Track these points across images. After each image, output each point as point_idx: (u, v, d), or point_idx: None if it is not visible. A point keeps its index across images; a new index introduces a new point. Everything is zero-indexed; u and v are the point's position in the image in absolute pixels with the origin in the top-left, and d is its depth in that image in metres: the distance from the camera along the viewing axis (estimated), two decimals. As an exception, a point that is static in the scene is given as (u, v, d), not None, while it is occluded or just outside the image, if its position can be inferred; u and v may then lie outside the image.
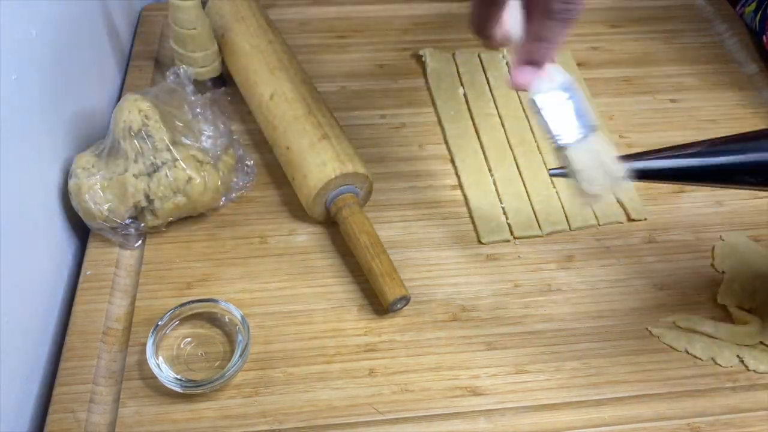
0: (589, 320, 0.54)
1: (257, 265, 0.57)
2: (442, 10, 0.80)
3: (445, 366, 0.51)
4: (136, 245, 0.57)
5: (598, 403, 0.50)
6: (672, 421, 0.49)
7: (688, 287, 0.57)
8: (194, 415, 0.49)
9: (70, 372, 0.50)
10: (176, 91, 0.59)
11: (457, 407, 0.49)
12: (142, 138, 0.55)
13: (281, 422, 0.48)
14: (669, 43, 0.78)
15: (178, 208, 0.56)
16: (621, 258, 0.58)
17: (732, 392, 0.51)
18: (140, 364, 0.50)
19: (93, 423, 0.48)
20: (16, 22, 0.50)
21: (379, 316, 0.54)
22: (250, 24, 0.66)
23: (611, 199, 0.48)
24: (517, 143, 0.66)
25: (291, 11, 0.79)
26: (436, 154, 0.66)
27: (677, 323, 0.54)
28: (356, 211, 0.56)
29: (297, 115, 0.60)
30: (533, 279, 0.57)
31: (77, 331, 0.52)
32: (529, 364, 0.52)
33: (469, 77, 0.72)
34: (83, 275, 0.55)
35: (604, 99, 0.71)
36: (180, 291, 0.55)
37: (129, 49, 0.75)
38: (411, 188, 0.63)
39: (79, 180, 0.55)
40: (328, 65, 0.73)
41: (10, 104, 0.49)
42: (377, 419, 0.49)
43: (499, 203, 0.61)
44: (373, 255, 0.54)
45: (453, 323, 0.54)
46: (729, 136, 0.47)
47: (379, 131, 0.67)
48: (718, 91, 0.73)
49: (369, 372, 0.51)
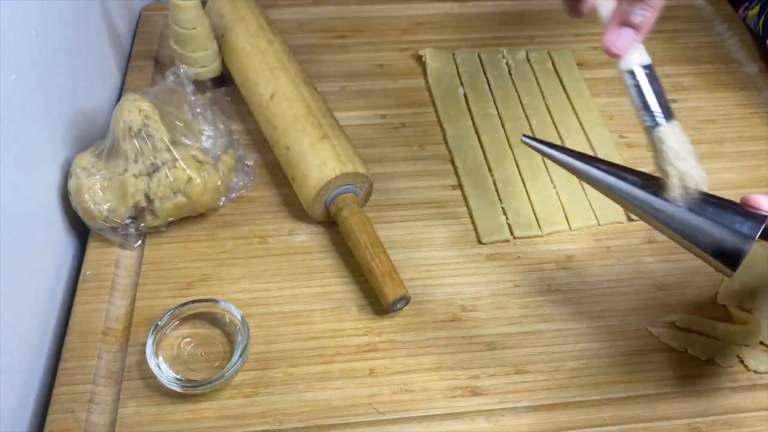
0: (589, 320, 0.54)
1: (257, 265, 0.57)
2: (442, 10, 0.80)
3: (445, 366, 0.51)
4: (136, 245, 0.57)
5: (598, 403, 0.50)
6: (672, 421, 0.49)
7: (688, 287, 0.57)
8: (194, 415, 0.49)
9: (70, 372, 0.50)
10: (176, 91, 0.59)
11: (457, 407, 0.49)
12: (142, 138, 0.55)
13: (281, 422, 0.48)
14: (669, 43, 0.78)
15: (178, 208, 0.56)
16: (621, 258, 0.58)
17: (732, 392, 0.51)
18: (140, 364, 0.50)
19: (93, 423, 0.48)
20: (16, 22, 0.50)
21: (379, 316, 0.54)
22: (250, 24, 0.66)
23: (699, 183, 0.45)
24: (517, 143, 0.66)
25: (291, 11, 0.79)
26: (436, 154, 0.66)
27: (677, 323, 0.54)
28: (356, 211, 0.56)
29: (297, 115, 0.60)
30: (533, 279, 0.57)
31: (77, 331, 0.52)
32: (529, 364, 0.52)
33: (469, 77, 0.72)
34: (83, 275, 0.55)
35: (604, 99, 0.71)
36: (180, 291, 0.55)
37: (129, 49, 0.75)
38: (411, 188, 0.63)
39: (79, 180, 0.55)
40: (328, 65, 0.73)
41: (10, 104, 0.49)
42: (377, 419, 0.49)
43: (499, 203, 0.61)
44: (373, 255, 0.54)
45: (453, 323, 0.54)
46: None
47: (379, 131, 0.67)
48: (718, 91, 0.73)
49: (369, 372, 0.51)
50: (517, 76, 0.72)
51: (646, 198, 0.44)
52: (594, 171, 0.45)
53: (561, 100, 0.70)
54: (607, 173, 0.45)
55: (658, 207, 0.44)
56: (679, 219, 0.43)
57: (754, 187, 0.64)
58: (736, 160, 0.66)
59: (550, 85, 0.71)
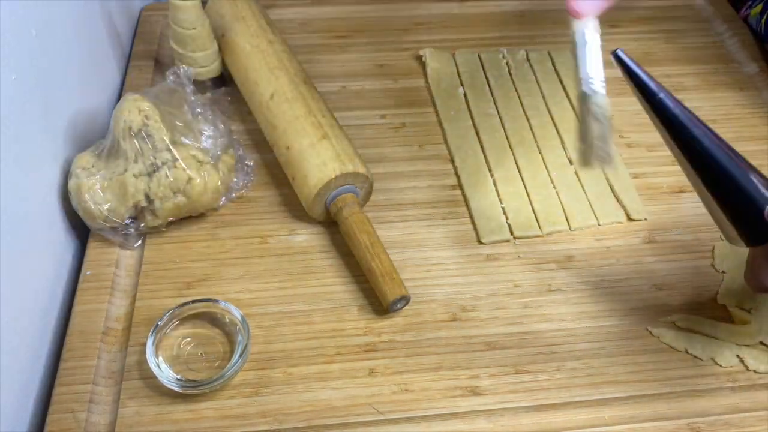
0: (589, 320, 0.54)
1: (257, 265, 0.57)
2: (442, 10, 0.80)
3: (445, 366, 0.51)
4: (136, 245, 0.57)
5: (598, 403, 0.50)
6: (672, 421, 0.49)
7: (688, 287, 0.57)
8: (194, 415, 0.49)
9: (70, 372, 0.50)
10: (176, 91, 0.59)
11: (457, 407, 0.49)
12: (142, 138, 0.55)
13: (281, 422, 0.48)
14: (669, 43, 0.78)
15: (178, 208, 0.56)
16: (621, 258, 0.58)
17: (732, 392, 0.51)
18: (140, 364, 0.50)
19: (93, 423, 0.48)
20: (16, 22, 0.50)
21: (379, 316, 0.54)
22: (250, 24, 0.66)
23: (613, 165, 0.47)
24: (517, 143, 0.66)
25: (291, 11, 0.79)
26: (436, 154, 0.66)
27: (677, 323, 0.54)
28: (356, 211, 0.56)
29: (297, 115, 0.60)
30: (533, 279, 0.57)
31: (77, 331, 0.52)
32: (529, 364, 0.52)
33: (469, 77, 0.72)
34: (83, 275, 0.55)
35: (604, 99, 0.71)
36: (180, 291, 0.55)
37: (129, 49, 0.75)
38: (411, 188, 0.63)
39: (79, 180, 0.55)
40: (328, 65, 0.73)
41: (10, 104, 0.49)
42: (377, 419, 0.49)
43: (499, 203, 0.61)
44: (373, 255, 0.54)
45: (453, 323, 0.54)
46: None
47: (379, 131, 0.67)
48: (718, 91, 0.73)
49: (369, 372, 0.51)
50: (517, 76, 0.72)
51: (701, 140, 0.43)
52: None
53: (561, 100, 0.70)
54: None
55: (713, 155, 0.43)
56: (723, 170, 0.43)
57: (754, 187, 0.64)
58: (736, 160, 0.66)
59: (550, 85, 0.72)
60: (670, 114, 0.42)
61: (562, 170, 0.64)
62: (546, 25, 0.79)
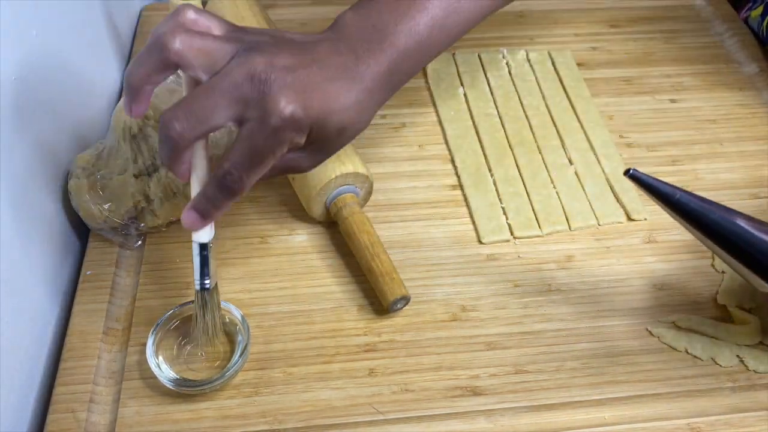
0: (589, 320, 0.54)
1: (257, 265, 0.57)
2: (442, 10, 0.80)
3: (445, 366, 0.51)
4: (136, 245, 0.57)
5: (598, 403, 0.50)
6: (672, 421, 0.49)
7: (688, 287, 0.57)
8: (194, 415, 0.49)
9: (70, 372, 0.50)
10: (176, 91, 0.59)
11: (457, 407, 0.49)
12: (142, 138, 0.55)
13: (281, 422, 0.48)
14: (669, 43, 0.78)
15: (178, 208, 0.56)
16: (621, 258, 0.58)
17: (732, 392, 0.51)
18: (140, 364, 0.50)
19: (93, 423, 0.48)
20: (16, 22, 0.50)
21: (379, 316, 0.54)
22: (250, 24, 0.66)
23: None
24: (517, 143, 0.66)
25: (291, 11, 0.79)
26: (436, 154, 0.66)
27: (677, 323, 0.54)
28: (356, 211, 0.56)
29: (297, 115, 0.59)
30: (533, 279, 0.57)
31: (77, 331, 0.52)
32: (529, 364, 0.52)
33: (469, 77, 0.72)
34: (83, 275, 0.55)
35: (604, 99, 0.71)
36: (180, 291, 0.55)
37: (129, 49, 0.75)
38: (411, 188, 0.63)
39: (79, 180, 0.55)
40: (328, 65, 0.73)
41: (10, 104, 0.49)
42: (377, 419, 0.49)
43: (499, 203, 0.61)
44: (373, 255, 0.54)
45: (453, 323, 0.54)
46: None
47: (379, 131, 0.67)
48: (718, 91, 0.73)
49: (369, 372, 0.51)
50: (517, 76, 0.72)
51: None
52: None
53: (561, 100, 0.70)
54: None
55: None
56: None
57: (754, 187, 0.64)
58: (736, 160, 0.66)
59: (550, 85, 0.72)
60: (689, 209, 0.47)
61: (562, 170, 0.64)
62: (546, 25, 0.79)
